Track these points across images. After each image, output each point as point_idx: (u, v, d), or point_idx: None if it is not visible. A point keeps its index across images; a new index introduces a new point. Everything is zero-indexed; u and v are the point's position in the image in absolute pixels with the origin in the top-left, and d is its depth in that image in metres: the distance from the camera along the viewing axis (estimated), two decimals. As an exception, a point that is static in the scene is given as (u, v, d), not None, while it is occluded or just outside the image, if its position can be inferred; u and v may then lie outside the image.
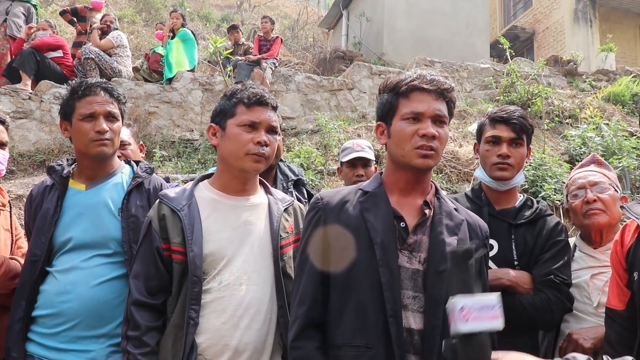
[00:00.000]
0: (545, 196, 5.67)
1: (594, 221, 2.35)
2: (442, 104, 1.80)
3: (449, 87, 1.82)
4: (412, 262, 1.75)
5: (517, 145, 2.35)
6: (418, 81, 1.79)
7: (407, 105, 1.79)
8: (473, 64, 10.25)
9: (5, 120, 2.46)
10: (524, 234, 2.30)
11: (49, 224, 2.20)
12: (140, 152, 3.05)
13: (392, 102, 1.83)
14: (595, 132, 6.98)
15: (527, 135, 2.38)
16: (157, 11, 15.85)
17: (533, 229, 2.31)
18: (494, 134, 2.36)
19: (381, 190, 1.85)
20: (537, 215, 2.33)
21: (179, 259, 1.94)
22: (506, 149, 2.33)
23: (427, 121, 1.76)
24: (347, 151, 3.22)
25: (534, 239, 2.28)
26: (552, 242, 2.27)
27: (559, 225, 2.33)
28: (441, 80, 1.81)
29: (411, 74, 1.83)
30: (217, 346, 1.89)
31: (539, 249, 2.27)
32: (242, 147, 1.99)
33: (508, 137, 2.33)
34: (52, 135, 6.99)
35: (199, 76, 8.21)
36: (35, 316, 2.16)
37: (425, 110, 1.76)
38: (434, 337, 1.67)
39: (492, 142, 2.37)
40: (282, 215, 2.11)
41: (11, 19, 7.69)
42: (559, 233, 2.30)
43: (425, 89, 1.78)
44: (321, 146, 7.13)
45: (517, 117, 2.34)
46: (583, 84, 10.57)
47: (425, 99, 1.78)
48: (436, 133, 1.75)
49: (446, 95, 1.81)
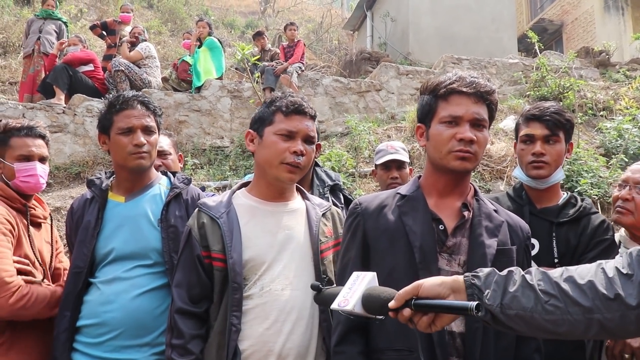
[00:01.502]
0: (581, 191, 5.55)
1: (618, 218, 2.35)
2: (482, 107, 1.76)
3: (490, 89, 1.77)
4: (452, 264, 1.74)
5: (552, 142, 2.31)
6: (457, 84, 1.75)
7: (446, 108, 1.76)
8: (501, 60, 10.12)
9: (45, 135, 2.51)
10: (567, 232, 2.25)
11: (91, 236, 2.24)
12: (179, 162, 3.09)
13: (431, 104, 1.80)
14: (631, 124, 6.80)
15: (564, 131, 2.33)
16: (182, 21, 16.05)
17: (577, 227, 2.26)
18: (528, 132, 2.33)
19: (419, 193, 1.84)
20: (580, 214, 2.29)
21: (219, 266, 1.95)
22: (540, 147, 2.29)
23: (466, 125, 1.73)
24: (381, 153, 3.21)
25: (577, 238, 2.24)
26: (596, 241, 2.22)
27: (604, 224, 2.28)
28: (481, 82, 1.76)
29: (451, 75, 1.79)
30: (261, 352, 1.90)
31: (583, 248, 2.22)
32: (277, 155, 2.00)
33: (542, 135, 2.30)
34: (86, 147, 7.15)
35: (227, 83, 8.29)
36: (80, 326, 2.20)
37: (464, 114, 1.73)
38: (475, 339, 1.66)
39: (526, 140, 2.34)
40: (321, 220, 2.11)
41: (44, 36, 7.92)
42: (604, 232, 2.25)
43: (464, 92, 1.74)
44: (351, 149, 7.13)
45: (551, 114, 2.29)
46: (616, 74, 10.32)
47: (464, 102, 1.74)
48: (474, 137, 1.72)
49: (486, 98, 1.77)
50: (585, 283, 1.27)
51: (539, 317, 1.28)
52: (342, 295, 1.44)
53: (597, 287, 1.26)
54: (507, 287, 1.32)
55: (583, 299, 1.26)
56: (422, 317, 1.36)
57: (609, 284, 1.25)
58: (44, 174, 2.45)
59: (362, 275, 1.47)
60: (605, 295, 1.24)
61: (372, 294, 1.41)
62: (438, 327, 1.37)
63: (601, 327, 1.25)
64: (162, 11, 16.38)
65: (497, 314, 1.31)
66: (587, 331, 1.27)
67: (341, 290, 1.46)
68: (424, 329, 1.38)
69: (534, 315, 1.28)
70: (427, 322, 1.36)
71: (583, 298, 1.26)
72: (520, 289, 1.31)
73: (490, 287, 1.33)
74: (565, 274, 1.31)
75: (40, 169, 2.43)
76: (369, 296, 1.41)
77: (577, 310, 1.25)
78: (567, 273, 1.31)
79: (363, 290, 1.42)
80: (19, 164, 2.39)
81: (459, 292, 1.35)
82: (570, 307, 1.26)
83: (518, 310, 1.29)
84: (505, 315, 1.30)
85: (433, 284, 1.37)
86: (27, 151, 2.41)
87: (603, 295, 1.24)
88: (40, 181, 2.42)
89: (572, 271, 1.32)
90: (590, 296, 1.25)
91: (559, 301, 1.27)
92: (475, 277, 1.36)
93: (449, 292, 1.35)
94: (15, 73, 9.85)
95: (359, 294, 1.41)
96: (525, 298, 1.30)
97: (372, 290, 1.42)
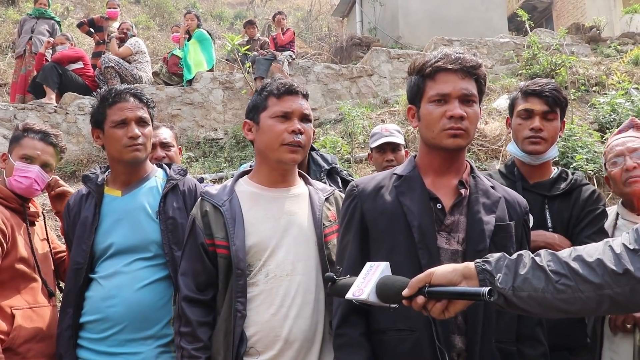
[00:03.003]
0: (577, 167, 5.56)
1: (636, 189, 2.29)
2: (470, 83, 1.76)
3: (476, 63, 1.77)
4: (451, 242, 1.74)
5: (550, 118, 2.31)
6: (442, 61, 1.75)
7: (433, 87, 1.76)
8: (492, 39, 10.09)
9: (57, 145, 2.50)
10: (559, 206, 2.27)
11: (89, 231, 2.24)
12: (180, 155, 3.08)
13: (419, 84, 1.80)
14: (624, 98, 6.81)
15: (560, 109, 2.33)
16: (170, 15, 15.91)
17: (568, 200, 2.28)
18: (527, 107, 2.32)
19: (415, 173, 1.84)
20: (572, 186, 2.30)
21: (223, 254, 1.96)
22: (539, 123, 2.29)
23: (454, 102, 1.73)
24: (376, 137, 3.21)
25: (569, 210, 2.25)
26: (587, 210, 2.24)
27: (594, 194, 2.29)
28: (467, 58, 1.76)
29: (436, 54, 1.79)
30: (269, 337, 1.91)
31: (575, 220, 2.24)
32: (277, 137, 2.01)
33: (541, 110, 2.29)
34: (80, 146, 7.12)
35: (219, 75, 8.26)
36: (83, 322, 2.20)
37: (451, 91, 1.73)
38: (476, 316, 1.67)
39: (524, 115, 2.33)
40: (324, 204, 2.11)
41: (36, 36, 7.86)
42: (594, 202, 2.27)
43: (450, 69, 1.74)
44: (346, 135, 7.12)
45: (550, 90, 2.29)
46: (608, 49, 10.30)
47: (450, 79, 1.74)
48: (464, 113, 1.72)
49: (473, 72, 1.76)
50: (594, 260, 1.30)
51: (551, 296, 1.30)
52: (356, 285, 1.48)
53: (605, 264, 1.28)
54: (518, 270, 1.35)
55: (593, 276, 1.28)
56: (435, 304, 1.39)
57: (617, 259, 1.28)
58: (40, 180, 2.41)
59: (375, 265, 1.51)
60: (614, 270, 1.26)
61: (385, 283, 1.45)
62: (452, 313, 1.40)
63: (612, 302, 1.27)
64: (149, 6, 16.23)
65: (509, 297, 1.33)
66: (599, 307, 1.30)
67: (355, 280, 1.50)
68: (437, 316, 1.41)
69: (546, 295, 1.31)
70: (440, 308, 1.39)
71: (593, 275, 1.28)
72: (530, 271, 1.34)
73: (501, 271, 1.36)
74: (573, 253, 1.34)
75: (37, 173, 2.40)
76: (383, 285, 1.44)
77: (587, 288, 1.28)
78: (575, 252, 1.34)
79: (377, 280, 1.46)
80: (20, 162, 2.39)
81: (471, 278, 1.38)
82: (581, 285, 1.29)
83: (530, 291, 1.32)
84: (517, 297, 1.33)
85: (445, 271, 1.40)
86: (32, 153, 2.41)
87: (612, 271, 1.27)
88: (34, 186, 2.39)
89: (580, 250, 1.34)
90: (599, 273, 1.28)
91: (570, 280, 1.30)
92: (486, 263, 1.39)
93: (460, 279, 1.39)
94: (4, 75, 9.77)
95: (373, 283, 1.45)
96: (536, 279, 1.32)
97: (386, 279, 1.46)
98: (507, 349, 1.73)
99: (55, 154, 2.50)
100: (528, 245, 1.87)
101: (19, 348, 2.18)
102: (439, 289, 1.38)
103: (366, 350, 1.72)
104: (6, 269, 2.22)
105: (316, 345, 1.97)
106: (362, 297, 1.43)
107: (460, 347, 1.68)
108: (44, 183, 2.45)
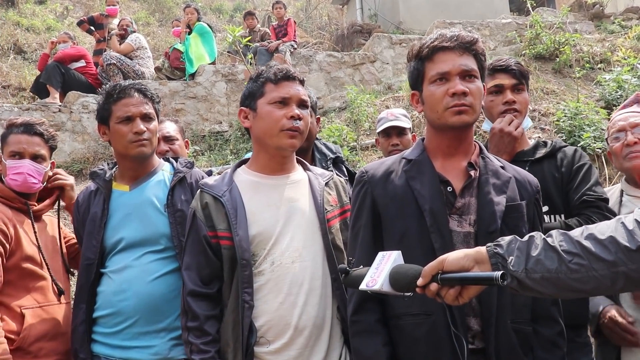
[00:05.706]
0: (584, 145, 5.52)
1: (636, 164, 2.30)
2: (469, 59, 1.75)
3: (472, 39, 1.76)
4: (463, 225, 1.73)
5: (519, 90, 2.37)
6: (438, 41, 1.75)
7: (433, 67, 1.76)
8: (494, 21, 10.01)
9: (43, 133, 2.43)
10: (546, 168, 2.29)
11: (99, 227, 2.25)
12: (186, 148, 3.08)
13: (419, 68, 1.80)
14: (630, 74, 6.74)
15: (526, 81, 2.40)
16: (169, 10, 15.85)
17: (554, 161, 2.30)
18: (497, 82, 2.36)
19: (424, 156, 1.83)
20: (554, 149, 2.33)
21: (227, 245, 1.95)
22: (511, 95, 2.33)
23: (455, 79, 1.72)
24: (382, 121, 3.21)
25: (558, 170, 2.27)
26: (576, 167, 2.26)
27: (578, 152, 2.33)
28: (463, 34, 1.76)
29: (433, 35, 1.79)
30: (279, 326, 1.91)
31: (567, 179, 2.25)
32: (275, 123, 1.99)
33: (510, 84, 2.35)
34: (86, 144, 7.13)
35: (221, 68, 8.24)
36: (96, 317, 2.22)
37: (451, 68, 1.73)
38: (490, 298, 1.66)
39: (495, 91, 2.37)
40: (324, 189, 2.10)
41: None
42: (579, 158, 2.30)
43: (447, 47, 1.74)
44: (351, 122, 7.09)
45: (515, 64, 2.37)
46: (612, 25, 10.18)
47: (449, 57, 1.74)
48: (466, 89, 1.71)
49: (471, 48, 1.76)
50: (607, 238, 1.28)
51: (565, 277, 1.29)
52: (369, 275, 1.48)
53: (618, 241, 1.26)
54: (530, 252, 1.34)
55: (606, 254, 1.26)
56: (448, 290, 1.39)
57: (630, 236, 1.26)
58: (34, 172, 2.36)
59: (387, 255, 1.51)
60: (628, 247, 1.25)
61: (399, 272, 1.45)
62: (465, 299, 1.40)
63: (627, 279, 1.26)
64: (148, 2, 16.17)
65: (522, 279, 1.32)
66: (614, 285, 1.28)
67: (368, 270, 1.50)
68: (451, 302, 1.40)
69: (560, 275, 1.29)
70: (454, 294, 1.39)
71: (606, 253, 1.27)
72: (543, 252, 1.32)
73: (513, 254, 1.35)
74: (585, 232, 1.32)
75: (29, 167, 2.36)
76: (396, 274, 1.45)
77: (601, 266, 1.26)
78: (587, 231, 1.32)
79: (389, 269, 1.46)
80: (10, 161, 2.36)
81: (483, 263, 1.37)
82: (595, 263, 1.27)
83: (543, 272, 1.30)
84: (531, 279, 1.32)
85: (457, 257, 1.40)
86: (18, 148, 2.37)
87: (625, 247, 1.25)
88: (30, 180, 2.35)
89: (591, 229, 1.33)
90: (612, 250, 1.26)
91: (583, 259, 1.28)
92: (497, 247, 1.38)
93: (472, 264, 1.38)
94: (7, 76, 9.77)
95: (386, 273, 1.45)
96: (549, 260, 1.31)
97: (399, 269, 1.46)
98: (523, 329, 1.72)
99: (44, 142, 2.44)
100: (541, 225, 1.85)
101: (30, 347, 2.18)
102: (452, 276, 1.38)
103: (383, 337, 1.72)
104: (13, 268, 2.22)
105: (325, 331, 1.97)
106: (376, 287, 1.44)
107: (476, 329, 1.68)
108: (41, 175, 2.41)
